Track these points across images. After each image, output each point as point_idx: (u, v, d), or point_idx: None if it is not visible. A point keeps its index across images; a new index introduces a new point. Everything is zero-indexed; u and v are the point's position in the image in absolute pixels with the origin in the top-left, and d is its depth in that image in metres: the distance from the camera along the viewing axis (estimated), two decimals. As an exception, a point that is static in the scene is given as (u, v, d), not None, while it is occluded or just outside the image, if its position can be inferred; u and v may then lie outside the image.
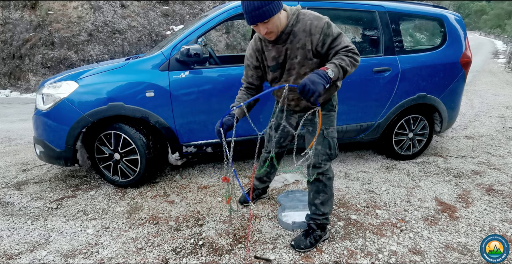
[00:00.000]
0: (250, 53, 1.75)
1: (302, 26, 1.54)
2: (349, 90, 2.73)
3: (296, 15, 1.55)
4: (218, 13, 2.53)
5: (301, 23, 1.55)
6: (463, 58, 3.09)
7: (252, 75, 1.80)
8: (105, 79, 2.40)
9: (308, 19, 1.54)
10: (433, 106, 3.07)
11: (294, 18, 1.54)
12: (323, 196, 1.82)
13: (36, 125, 2.52)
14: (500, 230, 2.04)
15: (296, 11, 1.56)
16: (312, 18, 1.54)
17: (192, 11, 10.84)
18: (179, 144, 2.57)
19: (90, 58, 8.91)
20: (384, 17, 2.87)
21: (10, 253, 1.82)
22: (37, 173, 2.93)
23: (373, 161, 3.20)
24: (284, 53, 1.62)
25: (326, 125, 1.76)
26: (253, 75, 1.79)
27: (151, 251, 1.83)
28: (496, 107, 5.83)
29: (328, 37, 1.53)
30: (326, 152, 1.76)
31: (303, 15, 1.56)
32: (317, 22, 1.53)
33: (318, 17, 1.55)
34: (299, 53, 1.59)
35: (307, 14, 1.56)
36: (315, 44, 1.54)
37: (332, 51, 1.55)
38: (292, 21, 1.54)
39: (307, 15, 1.55)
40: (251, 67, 1.77)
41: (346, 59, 1.49)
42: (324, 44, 1.54)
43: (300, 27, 1.55)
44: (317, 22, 1.53)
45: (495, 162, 3.19)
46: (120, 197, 2.46)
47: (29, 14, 9.17)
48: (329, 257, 1.76)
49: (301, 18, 1.55)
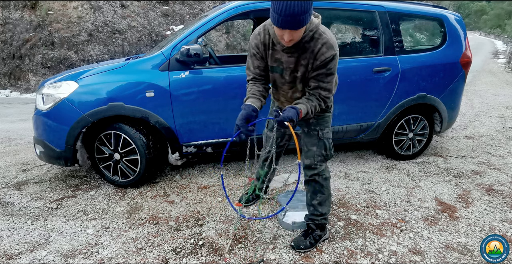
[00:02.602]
0: (256, 43, 1.63)
1: (313, 47, 1.49)
2: (349, 90, 2.73)
3: (314, 32, 1.48)
4: (218, 13, 2.53)
5: (314, 43, 1.49)
6: (463, 58, 3.09)
7: (258, 66, 1.68)
8: (105, 79, 2.40)
9: (321, 43, 1.48)
10: (433, 106, 3.07)
11: (310, 35, 1.47)
12: (320, 197, 1.82)
13: (36, 125, 2.52)
14: (500, 230, 2.04)
15: (315, 28, 1.47)
16: (324, 43, 1.48)
17: (192, 11, 10.84)
18: (179, 144, 2.57)
19: (90, 58, 8.91)
20: (384, 17, 2.87)
21: (10, 253, 1.82)
22: (37, 173, 2.93)
23: (373, 161, 3.20)
24: (287, 62, 1.58)
25: (322, 126, 1.76)
26: (260, 66, 1.68)
27: (151, 251, 1.83)
28: (496, 107, 5.83)
29: (323, 69, 1.51)
30: (321, 153, 1.76)
31: (319, 35, 1.48)
32: (326, 51, 1.48)
33: (331, 46, 1.48)
34: (300, 69, 1.57)
35: (323, 36, 1.49)
36: (311, 67, 1.53)
37: (313, 82, 1.56)
38: (308, 38, 1.47)
39: (322, 38, 1.48)
40: (258, 56, 1.65)
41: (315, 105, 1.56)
42: (314, 72, 1.53)
43: (311, 46, 1.49)
44: (326, 51, 1.48)
45: (495, 162, 3.19)
46: (120, 197, 2.46)
47: (29, 14, 9.17)
48: (329, 257, 1.76)
49: (316, 38, 1.48)
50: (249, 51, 1.69)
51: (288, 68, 1.59)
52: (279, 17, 1.31)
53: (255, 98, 1.61)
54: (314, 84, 1.56)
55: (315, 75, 1.54)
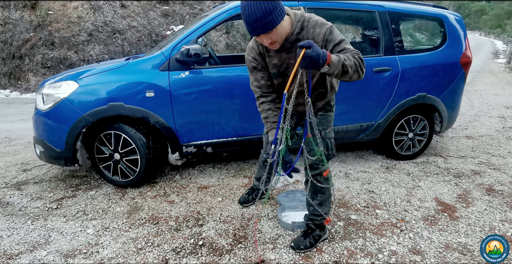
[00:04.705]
0: (253, 56, 1.64)
1: (306, 34, 1.48)
2: (349, 90, 2.73)
3: (301, 22, 1.48)
4: (218, 13, 2.53)
5: (305, 30, 1.48)
6: (463, 58, 3.09)
7: (263, 77, 1.66)
8: (105, 79, 2.40)
9: (311, 27, 1.47)
10: (433, 106, 3.07)
11: (299, 26, 1.47)
12: (321, 197, 1.82)
13: (36, 125, 2.52)
14: (500, 230, 2.04)
15: (301, 18, 1.48)
16: (315, 25, 1.47)
17: (192, 11, 10.84)
18: (179, 144, 2.57)
19: (90, 58, 8.91)
20: (384, 17, 2.87)
21: (10, 253, 1.82)
22: (37, 173, 2.93)
23: (373, 161, 3.20)
24: (287, 62, 1.56)
25: (324, 125, 1.75)
26: (264, 77, 1.65)
27: (151, 251, 1.82)
28: (496, 107, 5.83)
29: (329, 43, 1.47)
30: (323, 152, 1.76)
31: (307, 22, 1.48)
32: (320, 29, 1.46)
33: (321, 23, 1.47)
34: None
35: (311, 21, 1.48)
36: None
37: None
38: (297, 29, 1.47)
39: (311, 22, 1.48)
40: (259, 68, 1.65)
41: (352, 59, 1.39)
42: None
43: (304, 35, 1.48)
44: (319, 29, 1.46)
45: (495, 162, 3.19)
46: (120, 197, 2.46)
47: (29, 14, 9.17)
48: (329, 257, 1.76)
49: (305, 26, 1.48)
50: (248, 67, 1.68)
51: (290, 64, 1.57)
52: (248, 26, 1.33)
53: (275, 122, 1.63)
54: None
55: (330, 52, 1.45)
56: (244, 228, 2.03)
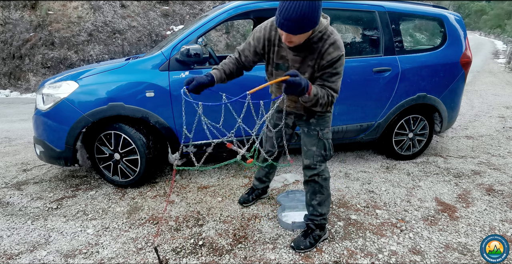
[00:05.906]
0: (259, 36, 1.62)
1: (320, 47, 1.49)
2: (349, 90, 2.73)
3: (323, 33, 1.48)
4: (218, 13, 2.53)
5: (322, 43, 1.49)
6: (463, 58, 3.09)
7: (247, 56, 1.69)
8: (105, 79, 2.40)
9: (328, 43, 1.48)
10: (433, 106, 3.07)
11: (318, 36, 1.47)
12: (319, 197, 1.82)
13: (36, 125, 2.52)
14: (500, 230, 2.04)
15: (324, 30, 1.48)
16: (332, 44, 1.48)
17: (192, 11, 10.85)
18: (179, 144, 2.57)
19: (90, 58, 8.92)
20: (384, 17, 2.87)
21: (10, 253, 1.82)
22: (37, 173, 2.93)
23: (373, 161, 3.20)
24: (293, 61, 1.58)
25: (322, 126, 1.76)
26: (248, 57, 1.69)
27: (151, 251, 1.82)
28: (496, 107, 5.83)
29: (327, 68, 1.50)
30: (321, 153, 1.76)
31: (327, 36, 1.49)
32: (333, 51, 1.48)
33: (337, 46, 1.49)
34: (308, 70, 1.57)
35: (331, 37, 1.49)
36: (318, 67, 1.53)
37: (319, 82, 1.54)
38: (316, 38, 1.47)
39: (330, 39, 1.49)
40: (252, 50, 1.67)
41: (325, 98, 1.51)
42: (320, 71, 1.53)
43: (319, 47, 1.49)
44: (332, 51, 1.48)
45: (495, 162, 3.19)
46: (120, 197, 2.46)
47: (29, 14, 9.17)
48: (329, 257, 1.76)
49: (324, 39, 1.49)
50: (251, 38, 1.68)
51: (293, 66, 1.59)
52: (279, 17, 1.32)
53: (217, 70, 1.67)
54: (320, 83, 1.55)
55: (321, 74, 1.54)
56: (244, 228, 2.03)
